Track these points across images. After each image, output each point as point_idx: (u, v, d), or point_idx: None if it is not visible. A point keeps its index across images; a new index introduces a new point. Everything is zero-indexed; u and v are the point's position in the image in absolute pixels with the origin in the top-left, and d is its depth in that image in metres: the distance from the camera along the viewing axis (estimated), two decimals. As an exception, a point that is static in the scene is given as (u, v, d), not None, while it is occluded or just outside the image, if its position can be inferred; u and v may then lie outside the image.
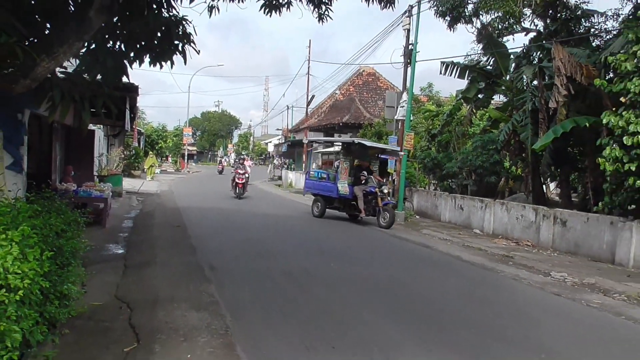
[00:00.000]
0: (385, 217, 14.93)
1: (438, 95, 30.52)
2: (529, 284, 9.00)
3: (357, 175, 15.89)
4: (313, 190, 17.51)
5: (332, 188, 16.45)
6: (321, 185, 17.08)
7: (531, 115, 15.70)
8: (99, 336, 5.13)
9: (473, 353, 5.27)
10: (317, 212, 16.96)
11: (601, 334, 6.41)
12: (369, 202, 15.35)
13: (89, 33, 5.38)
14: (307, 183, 17.94)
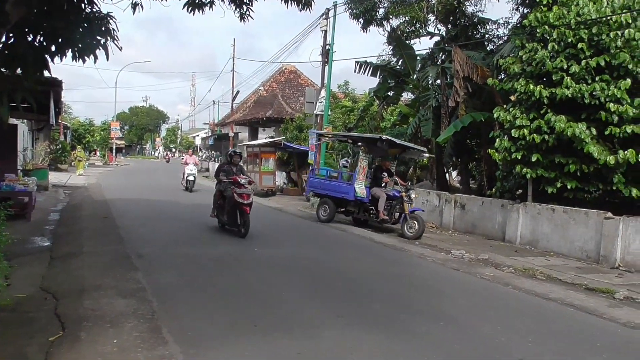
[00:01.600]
0: (412, 227, 11.77)
1: (354, 92, 31.07)
2: (432, 261, 9.44)
3: (378, 176, 12.99)
4: (320, 191, 14.20)
5: (348, 189, 13.12)
6: (332, 186, 13.75)
7: (435, 111, 16.37)
8: (24, 327, 4.85)
9: (385, 324, 5.46)
10: (325, 216, 13.64)
11: (492, 301, 6.85)
12: (392, 208, 12.45)
13: (6, 27, 5.00)
14: (311, 182, 14.57)
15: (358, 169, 13.11)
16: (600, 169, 10.13)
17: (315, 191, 14.43)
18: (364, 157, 13.39)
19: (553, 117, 10.11)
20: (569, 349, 5.00)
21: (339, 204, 13.53)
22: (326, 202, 13.71)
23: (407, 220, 11.87)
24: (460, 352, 4.74)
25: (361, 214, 13.14)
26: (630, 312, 6.52)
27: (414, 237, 11.56)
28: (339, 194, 13.31)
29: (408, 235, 11.72)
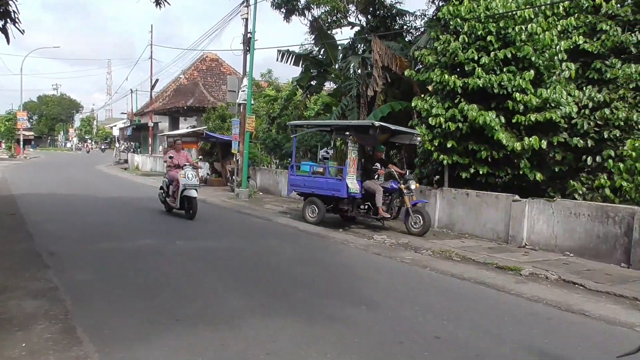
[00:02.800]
0: (417, 221, 10.66)
1: (277, 81, 30.94)
2: (355, 247, 9.68)
3: (370, 167, 11.72)
4: (304, 189, 12.34)
5: (339, 186, 11.41)
6: (318, 183, 12.05)
7: (357, 100, 16.66)
8: None
9: (307, 310, 5.54)
10: (314, 218, 11.86)
11: (411, 283, 7.14)
12: (391, 202, 11.34)
13: None
14: (293, 180, 12.55)
15: (348, 161, 11.37)
16: (508, 155, 10.80)
17: (299, 190, 12.59)
18: (353, 147, 11.56)
19: (466, 106, 10.62)
20: (479, 324, 5.32)
21: (328, 202, 11.90)
22: (313, 201, 11.97)
23: (409, 214, 10.77)
24: (379, 334, 4.91)
25: (355, 212, 11.73)
26: (534, 287, 7.04)
27: (420, 232, 10.57)
28: (328, 192, 11.64)
29: (413, 231, 10.66)
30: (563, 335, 5.13)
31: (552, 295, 6.62)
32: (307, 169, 12.97)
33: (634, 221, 8.29)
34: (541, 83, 10.77)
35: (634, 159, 9.36)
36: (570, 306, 6.16)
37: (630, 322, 5.64)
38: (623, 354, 3.38)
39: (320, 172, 12.81)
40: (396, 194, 11.11)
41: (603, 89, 10.90)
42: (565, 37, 11.12)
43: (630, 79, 10.58)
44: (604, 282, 7.21)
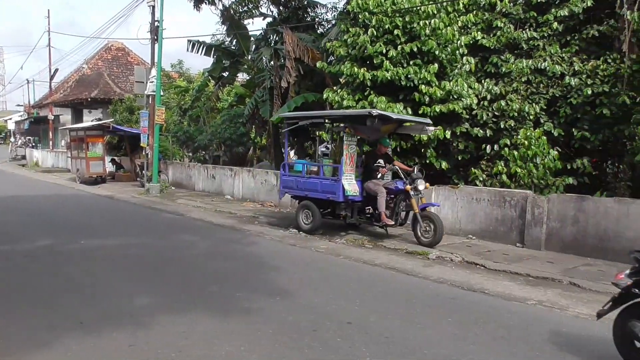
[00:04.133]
0: (427, 229, 8.87)
1: (189, 72, 30.05)
2: (271, 239, 9.68)
3: (371, 165, 9.77)
4: (297, 192, 10.53)
5: (334, 188, 9.61)
6: (312, 184, 10.13)
7: (270, 92, 16.59)
8: None
9: (221, 304, 5.47)
10: (309, 225, 10.12)
11: (325, 272, 7.25)
12: (396, 206, 9.42)
13: None
14: (285, 181, 10.78)
15: (344, 158, 9.50)
16: (416, 145, 11.26)
17: (291, 193, 10.82)
18: (350, 141, 9.73)
19: (375, 98, 10.92)
20: (389, 307, 5.53)
21: (324, 205, 10.20)
22: (307, 205, 10.21)
23: (418, 220, 9.01)
24: (293, 323, 4.95)
25: (355, 217, 9.95)
26: (440, 270, 7.44)
27: (432, 242, 8.73)
28: (322, 195, 9.88)
29: (423, 241, 8.87)
30: (465, 313, 5.46)
31: (456, 277, 7.03)
32: (300, 168, 10.87)
33: (527, 204, 8.99)
34: (444, 76, 11.31)
35: (526, 147, 10.13)
36: (472, 286, 6.57)
37: (524, 296, 6.13)
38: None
39: (315, 172, 10.51)
40: (402, 195, 9.29)
41: (499, 82, 11.66)
42: (465, 33, 11.74)
43: (522, 73, 11.39)
44: (502, 262, 7.77)
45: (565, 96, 11.11)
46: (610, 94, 10.66)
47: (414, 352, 4.31)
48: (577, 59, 11.24)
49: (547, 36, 11.64)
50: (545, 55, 11.45)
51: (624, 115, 10.73)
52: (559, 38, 11.64)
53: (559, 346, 4.54)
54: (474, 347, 4.46)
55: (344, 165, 9.48)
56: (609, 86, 10.68)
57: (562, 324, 5.18)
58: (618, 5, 10.72)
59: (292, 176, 10.72)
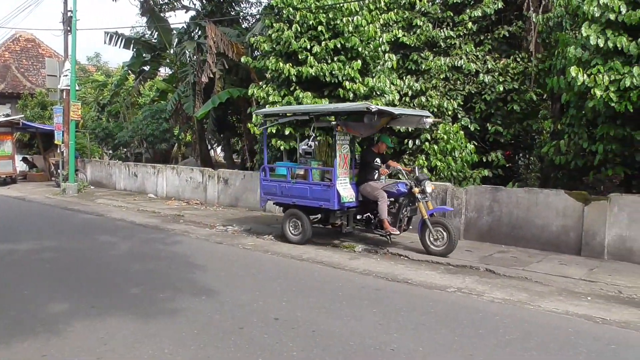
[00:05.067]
0: (438, 237, 7.88)
1: (107, 66, 28.68)
2: (196, 237, 9.46)
3: (370, 165, 8.67)
4: (282, 199, 9.25)
5: (327, 194, 8.44)
6: (300, 190, 8.85)
7: (194, 87, 16.20)
8: None
9: (143, 306, 5.28)
10: (298, 236, 8.91)
11: (252, 269, 7.17)
12: (398, 211, 8.37)
13: None
14: (265, 187, 9.43)
15: (337, 160, 8.35)
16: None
17: (275, 200, 9.49)
18: (342, 140, 8.59)
19: (301, 93, 10.94)
20: (316, 301, 5.58)
21: (314, 212, 9.03)
22: (295, 214, 8.97)
23: (428, 227, 7.94)
24: (219, 322, 4.87)
25: (351, 225, 8.85)
26: (366, 262, 7.60)
27: (445, 251, 7.78)
28: (313, 202, 8.67)
29: (434, 250, 7.85)
30: (389, 303, 5.62)
31: (381, 268, 7.22)
32: (284, 172, 9.31)
33: (447, 196, 9.39)
34: (368, 72, 11.53)
35: (445, 141, 10.58)
36: (395, 276, 6.77)
37: (444, 284, 6.40)
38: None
39: (302, 176, 9.15)
40: (405, 199, 8.33)
41: (420, 78, 12.07)
42: (387, 30, 12.05)
43: (441, 70, 11.86)
44: (423, 252, 8.05)
45: (480, 93, 11.70)
46: (519, 90, 11.37)
47: (339, 343, 4.38)
48: (490, 58, 11.87)
49: (463, 35, 12.19)
50: (461, 53, 11.98)
51: (532, 110, 11.48)
52: (474, 37, 12.22)
53: (476, 330, 4.78)
54: (397, 335, 4.59)
55: (337, 168, 8.35)
56: (519, 83, 11.39)
57: (479, 309, 5.46)
58: (525, 8, 11.42)
59: (275, 181, 9.28)
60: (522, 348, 4.35)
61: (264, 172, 9.54)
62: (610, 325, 5.04)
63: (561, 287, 6.34)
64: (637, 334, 4.82)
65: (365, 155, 8.90)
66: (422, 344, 4.41)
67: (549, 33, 10.71)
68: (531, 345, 4.42)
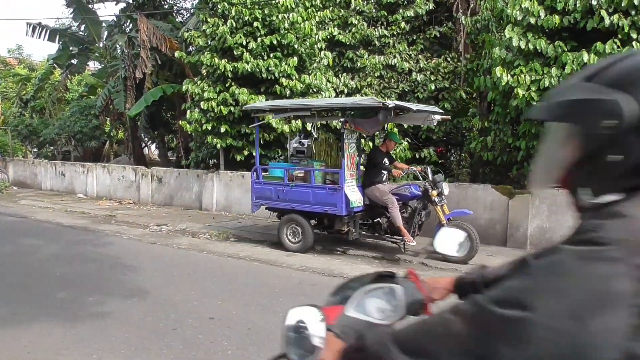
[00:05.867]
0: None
1: (30, 59, 27.09)
2: (129, 238, 9.16)
3: (380, 166, 7.82)
4: (278, 204, 8.33)
5: (334, 198, 7.60)
6: (302, 194, 7.94)
7: (125, 82, 15.62)
8: None
9: (71, 311, 5.06)
10: (298, 244, 8.04)
11: (187, 269, 7.04)
12: (412, 217, 7.64)
13: None
14: (258, 190, 8.48)
15: (345, 161, 7.55)
16: (279, 137, 11.41)
17: (270, 205, 8.51)
18: (350, 138, 7.83)
19: (237, 89, 10.85)
20: (252, 299, 5.56)
21: (318, 220, 8.29)
22: (295, 219, 8.08)
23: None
24: (152, 324, 4.75)
25: (357, 231, 7.93)
26: (303, 258, 7.64)
27: (466, 258, 7.14)
28: (317, 208, 7.81)
29: (452, 257, 6.73)
30: (323, 297, 5.68)
31: (318, 264, 7.29)
32: (280, 174, 8.38)
33: (381, 192, 9.58)
34: (304, 69, 11.60)
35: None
36: (332, 271, 6.87)
37: (379, 278, 6.55)
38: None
39: (302, 178, 8.32)
40: (420, 202, 7.65)
41: (355, 76, 12.28)
42: (323, 28, 12.16)
43: (376, 69, 12.12)
44: (360, 248, 8.20)
45: (413, 91, 12.05)
46: (450, 89, 11.81)
47: (275, 339, 4.38)
48: (422, 57, 12.24)
49: (397, 34, 12.50)
50: (395, 52, 12.28)
51: (462, 108, 11.95)
52: (407, 37, 12.56)
53: (407, 321, 4.94)
54: (332, 329, 4.66)
55: (345, 169, 7.54)
56: (449, 82, 11.83)
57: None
58: (455, 10, 11.87)
59: (270, 184, 8.34)
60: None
61: (255, 174, 8.59)
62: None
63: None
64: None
65: (373, 156, 8.01)
66: (356, 336, 4.51)
67: (477, 34, 11.18)
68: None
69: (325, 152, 8.69)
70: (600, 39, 7.18)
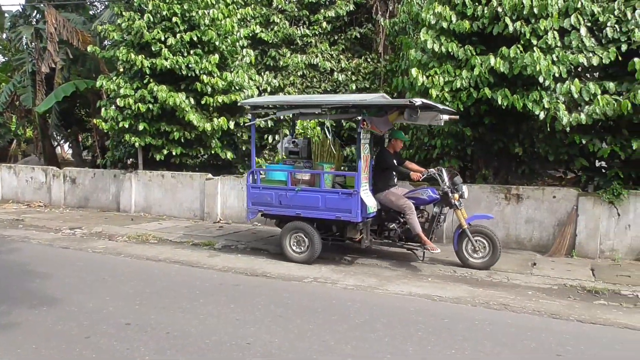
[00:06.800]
0: (479, 248, 6.93)
1: None
2: (38, 243, 8.61)
3: (394, 169, 7.44)
4: (280, 210, 7.48)
5: (349, 204, 6.91)
6: (307, 199, 7.22)
7: (33, 76, 14.66)
8: None
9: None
10: (304, 255, 7.27)
11: (102, 273, 6.68)
12: (432, 222, 7.22)
13: None
14: (254, 195, 7.65)
15: (360, 163, 6.97)
16: (201, 136, 11.18)
17: (270, 212, 7.65)
18: (365, 138, 7.21)
19: (155, 86, 10.50)
20: (172, 302, 5.41)
21: (324, 225, 7.47)
22: (300, 227, 7.29)
23: (468, 237, 6.93)
24: (62, 333, 4.50)
25: (368, 239, 7.28)
26: (226, 259, 7.56)
27: (488, 264, 6.88)
28: (327, 214, 7.11)
29: (474, 263, 6.89)
30: (248, 298, 5.66)
31: (241, 264, 7.24)
32: (282, 177, 7.62)
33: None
34: (226, 67, 11.44)
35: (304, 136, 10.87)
36: (255, 271, 6.85)
37: (302, 275, 6.63)
38: None
39: (307, 181, 7.50)
40: (438, 207, 7.22)
41: (278, 75, 12.28)
42: (245, 26, 12.05)
43: (298, 67, 12.20)
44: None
45: (335, 90, 12.25)
46: (371, 89, 12.11)
47: (195, 342, 4.31)
48: (343, 57, 12.48)
49: (319, 34, 12.65)
50: (317, 51, 12.43)
51: (382, 108, 12.27)
52: (329, 37, 12.75)
53: (330, 316, 5.03)
54: (254, 329, 4.65)
55: (361, 172, 6.96)
56: (370, 82, 12.14)
57: (333, 297, 5.74)
58: (374, 12, 12.19)
59: (270, 188, 7.52)
60: (370, 329, 4.68)
61: (251, 177, 7.77)
62: (445, 302, 5.63)
63: (407, 271, 6.92)
64: (467, 308, 5.45)
65: (383, 158, 7.43)
66: (277, 335, 4.52)
67: (395, 36, 11.54)
68: (378, 326, 4.77)
69: (328, 153, 8.07)
70: (505, 43, 7.65)
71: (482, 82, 7.78)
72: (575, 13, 7.51)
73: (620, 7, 7.63)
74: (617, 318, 5.17)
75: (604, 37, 7.74)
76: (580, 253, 7.70)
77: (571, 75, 7.76)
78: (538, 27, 7.48)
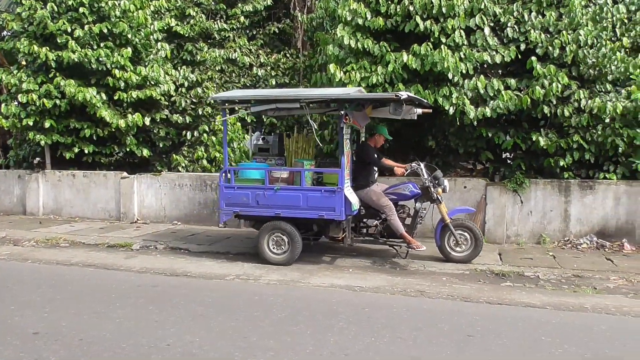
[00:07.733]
0: (462, 241, 6.97)
1: None
2: None
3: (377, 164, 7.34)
4: (258, 211, 7.08)
5: (333, 202, 6.66)
6: (287, 198, 6.89)
7: None
8: None
9: None
10: (283, 256, 6.94)
11: (7, 282, 6.24)
12: (414, 219, 7.14)
13: None
14: (227, 195, 7.20)
15: (344, 159, 6.71)
16: (114, 133, 10.68)
17: (248, 212, 7.22)
18: (347, 133, 6.92)
19: (63, 81, 9.89)
20: (85, 307, 5.13)
21: (304, 225, 7.15)
22: (280, 227, 6.97)
23: (450, 231, 6.93)
24: (-40, 348, 4.16)
25: (348, 237, 7.04)
26: (144, 259, 7.30)
27: (470, 257, 6.96)
28: (309, 213, 6.83)
29: (456, 256, 6.97)
30: (167, 298, 5.50)
31: (160, 264, 7.03)
32: (257, 176, 7.32)
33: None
34: (140, 61, 10.99)
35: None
36: (175, 271, 6.67)
37: (223, 273, 6.55)
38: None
39: (285, 180, 7.20)
40: (419, 202, 7.14)
41: (195, 69, 11.98)
42: (159, 18, 11.64)
43: (216, 62, 11.99)
44: (205, 244, 8.11)
45: (255, 85, 12.16)
46: (290, 85, 12.15)
47: (110, 347, 4.14)
48: (262, 52, 12.42)
49: (237, 29, 12.50)
50: (235, 46, 12.27)
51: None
52: (247, 31, 12.64)
53: (252, 313, 5.01)
54: (174, 330, 4.54)
55: (344, 168, 6.71)
56: (289, 78, 12.17)
57: (255, 293, 5.73)
58: (292, 7, 12.23)
59: (246, 188, 7.14)
60: (292, 323, 4.72)
61: (223, 176, 7.30)
62: (366, 292, 5.80)
63: (328, 263, 7.05)
64: (386, 296, 5.64)
65: (365, 152, 7.25)
66: (198, 334, 4.44)
67: (313, 32, 11.64)
68: (300, 319, 4.82)
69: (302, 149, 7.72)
70: (417, 41, 7.97)
71: (397, 78, 8.06)
72: (480, 13, 7.98)
73: (518, 9, 8.19)
74: (521, 298, 5.59)
75: (505, 37, 8.27)
76: (489, 239, 8.22)
77: (477, 72, 8.21)
78: (446, 26, 7.86)
